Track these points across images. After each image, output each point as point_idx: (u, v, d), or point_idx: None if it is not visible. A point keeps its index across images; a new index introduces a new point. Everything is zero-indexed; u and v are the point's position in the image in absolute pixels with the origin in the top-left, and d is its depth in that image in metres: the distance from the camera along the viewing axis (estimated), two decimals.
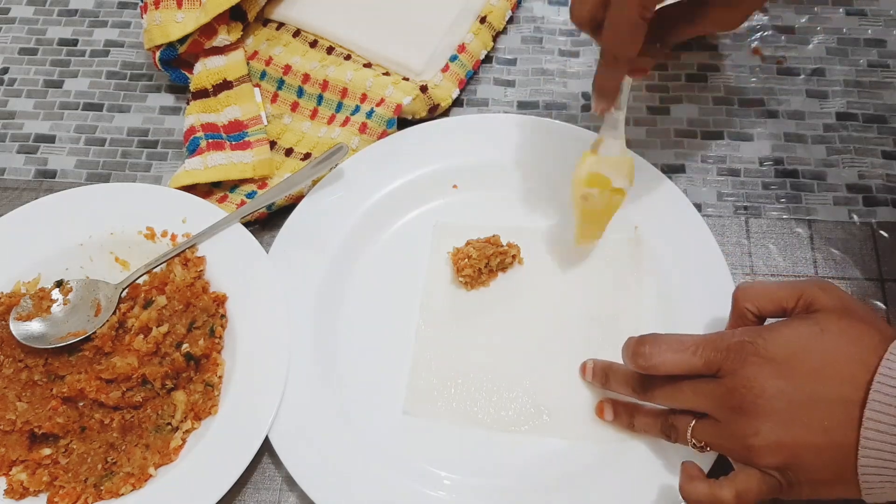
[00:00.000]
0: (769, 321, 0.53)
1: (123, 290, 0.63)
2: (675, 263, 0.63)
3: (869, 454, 0.45)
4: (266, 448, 0.58)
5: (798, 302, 0.51)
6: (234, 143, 0.70)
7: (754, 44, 0.76)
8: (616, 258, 0.64)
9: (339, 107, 0.72)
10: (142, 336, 0.60)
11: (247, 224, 0.66)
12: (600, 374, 0.58)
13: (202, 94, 0.71)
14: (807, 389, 0.47)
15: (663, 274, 0.63)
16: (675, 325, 0.60)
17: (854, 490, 0.46)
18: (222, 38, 0.71)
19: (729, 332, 0.51)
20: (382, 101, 0.69)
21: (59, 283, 0.63)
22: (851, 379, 0.46)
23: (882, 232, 0.66)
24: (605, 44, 0.53)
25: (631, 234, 0.64)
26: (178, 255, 0.64)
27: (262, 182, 0.69)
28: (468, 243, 0.64)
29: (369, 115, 0.69)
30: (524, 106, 0.74)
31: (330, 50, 0.74)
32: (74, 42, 0.79)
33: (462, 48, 0.74)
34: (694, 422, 0.51)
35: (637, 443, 0.57)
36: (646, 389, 0.54)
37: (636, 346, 0.53)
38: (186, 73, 0.73)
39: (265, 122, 0.71)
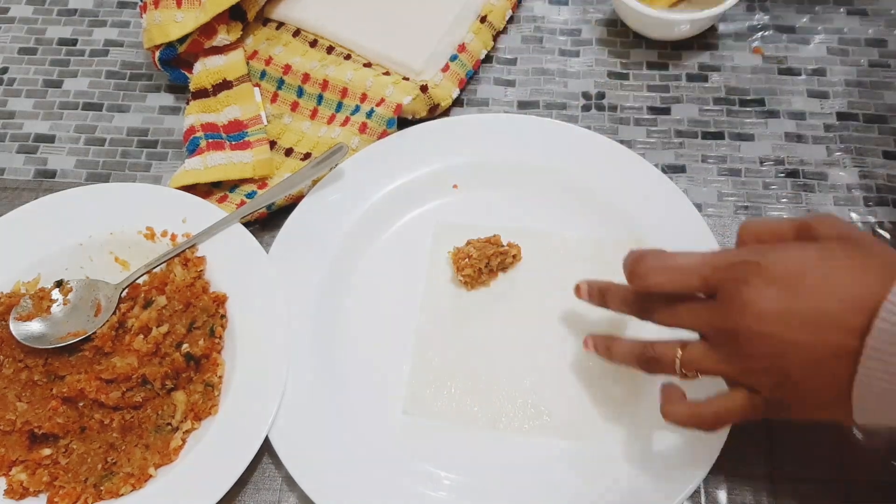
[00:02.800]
0: None
1: (123, 290, 0.62)
2: None
3: (867, 381, 0.43)
4: (266, 448, 0.58)
5: (799, 232, 0.49)
6: (233, 142, 0.70)
7: (755, 43, 0.76)
8: (617, 259, 0.64)
9: (339, 106, 0.72)
10: (142, 336, 0.60)
11: (247, 224, 0.66)
12: (597, 294, 0.56)
13: (202, 93, 0.71)
14: (807, 311, 0.45)
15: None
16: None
17: (843, 413, 0.45)
18: (222, 37, 0.71)
19: (731, 251, 0.50)
20: (382, 100, 0.69)
21: (59, 283, 0.63)
22: (853, 305, 0.44)
23: (882, 232, 0.66)
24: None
25: (631, 235, 0.64)
26: (177, 255, 0.64)
27: (261, 182, 0.69)
28: (468, 243, 0.64)
29: (369, 114, 0.69)
30: (524, 106, 0.74)
31: (330, 49, 0.74)
32: (74, 42, 0.79)
33: (462, 48, 0.74)
34: (681, 351, 0.50)
35: (637, 443, 0.57)
36: (642, 308, 0.53)
37: (634, 263, 0.52)
38: (186, 73, 0.73)
39: (265, 122, 0.71)
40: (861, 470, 0.57)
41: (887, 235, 0.66)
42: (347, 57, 0.74)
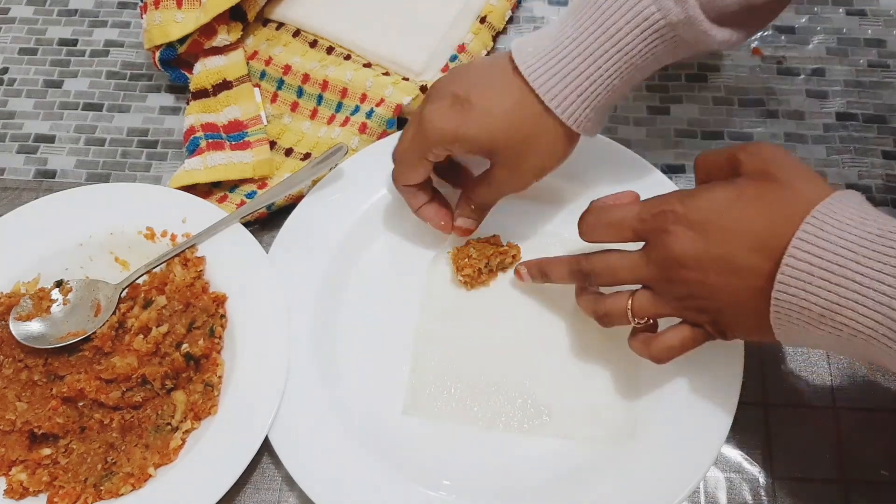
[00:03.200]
0: None
1: (123, 290, 0.62)
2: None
3: (781, 322, 0.47)
4: (266, 448, 0.58)
5: (730, 163, 0.51)
6: (233, 143, 0.70)
7: (754, 44, 0.76)
8: None
9: (339, 107, 0.72)
10: (141, 336, 0.60)
11: (247, 224, 0.66)
12: (537, 272, 0.60)
13: (202, 94, 0.71)
14: (719, 256, 0.48)
15: None
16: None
17: (772, 337, 0.49)
18: (222, 38, 0.71)
19: (656, 199, 0.52)
20: (382, 101, 0.69)
21: (59, 283, 0.63)
22: (760, 247, 0.47)
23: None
24: (394, 167, 0.61)
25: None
26: (177, 255, 0.64)
27: (261, 182, 0.69)
28: (468, 243, 0.64)
29: (369, 115, 0.69)
30: None
31: (330, 50, 0.74)
32: (74, 42, 0.79)
33: (462, 48, 0.74)
34: (630, 300, 0.53)
35: (637, 443, 0.57)
36: (583, 276, 0.56)
37: (580, 220, 0.55)
38: (186, 73, 0.73)
39: (265, 122, 0.71)
40: (861, 470, 0.57)
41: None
42: (347, 57, 0.74)
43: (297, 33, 0.75)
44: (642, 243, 0.52)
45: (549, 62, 0.54)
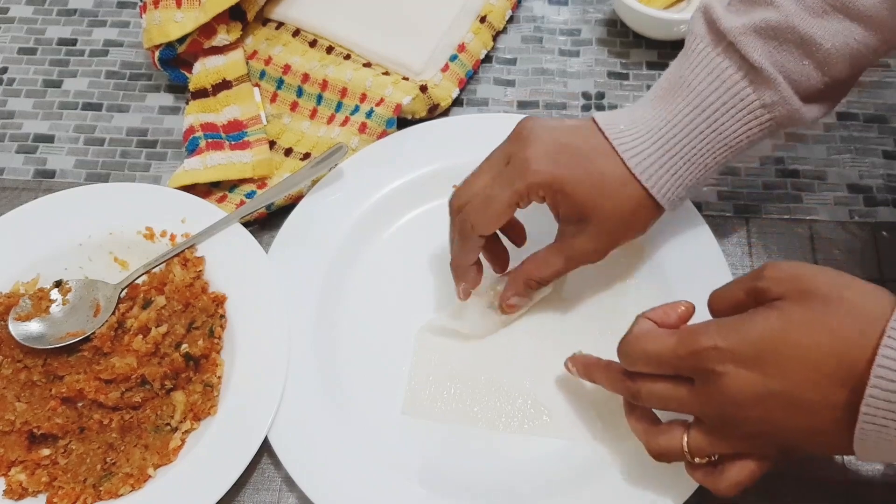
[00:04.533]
0: None
1: (122, 290, 0.62)
2: (675, 263, 0.63)
3: (866, 441, 0.43)
4: (265, 448, 0.58)
5: (755, 296, 0.47)
6: (233, 142, 0.69)
7: None
8: (616, 259, 0.64)
9: (339, 106, 0.72)
10: (141, 336, 0.60)
11: (246, 224, 0.66)
12: (583, 372, 0.56)
13: (201, 93, 0.71)
14: (784, 392, 0.45)
15: (663, 274, 0.63)
16: None
17: (849, 453, 0.45)
18: (221, 37, 0.71)
19: (695, 333, 0.47)
20: (382, 100, 0.69)
21: (58, 284, 0.63)
22: (829, 377, 0.43)
23: (882, 232, 0.66)
24: (470, 211, 0.56)
25: None
26: (177, 255, 0.64)
27: (261, 182, 0.69)
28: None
29: (369, 114, 0.69)
30: (524, 106, 0.74)
31: (329, 49, 0.74)
32: (73, 42, 0.79)
33: (462, 48, 0.74)
34: (686, 438, 0.49)
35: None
36: (630, 392, 0.51)
37: (618, 346, 0.51)
38: (185, 73, 0.73)
39: (264, 122, 0.71)
40: (861, 470, 0.57)
41: (887, 235, 0.66)
42: (347, 57, 0.74)
43: (296, 33, 0.75)
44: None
45: (645, 143, 0.54)
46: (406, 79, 0.72)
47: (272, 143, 0.71)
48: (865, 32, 0.53)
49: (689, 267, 0.62)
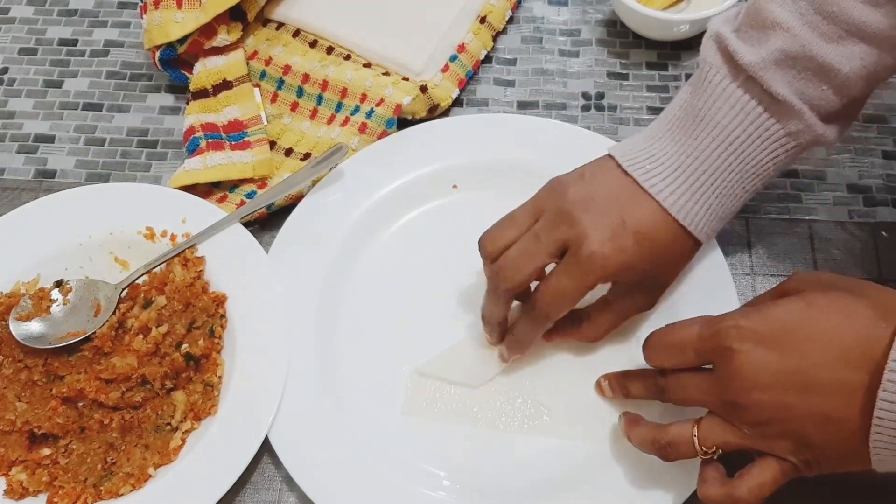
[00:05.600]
0: None
1: (123, 290, 0.62)
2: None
3: (882, 431, 0.42)
4: (266, 448, 0.58)
5: (778, 294, 0.49)
6: (233, 143, 0.70)
7: None
8: None
9: (339, 107, 0.72)
10: (141, 336, 0.60)
11: (246, 224, 0.66)
12: (618, 388, 0.57)
13: (202, 94, 0.71)
14: (801, 370, 0.44)
15: None
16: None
17: (866, 464, 0.45)
18: (222, 38, 0.71)
19: (719, 316, 0.48)
20: (382, 101, 0.69)
21: (59, 283, 0.63)
22: (847, 358, 0.43)
23: (882, 232, 0.66)
24: (542, 302, 0.55)
25: None
26: (177, 255, 0.64)
27: (261, 182, 0.69)
28: None
29: (369, 115, 0.69)
30: (524, 106, 0.74)
31: (330, 50, 0.74)
32: (74, 42, 0.79)
33: (462, 48, 0.74)
34: (696, 428, 0.49)
35: None
36: (658, 390, 0.53)
37: (644, 343, 0.52)
38: (186, 73, 0.73)
39: (265, 122, 0.71)
40: (861, 470, 0.57)
41: (887, 235, 0.66)
42: (347, 57, 0.74)
43: (297, 33, 0.75)
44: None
45: (676, 181, 0.54)
46: (406, 79, 0.72)
47: (272, 144, 0.71)
48: (881, 53, 0.52)
49: (689, 266, 0.62)
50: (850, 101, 0.54)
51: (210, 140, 0.70)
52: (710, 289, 0.61)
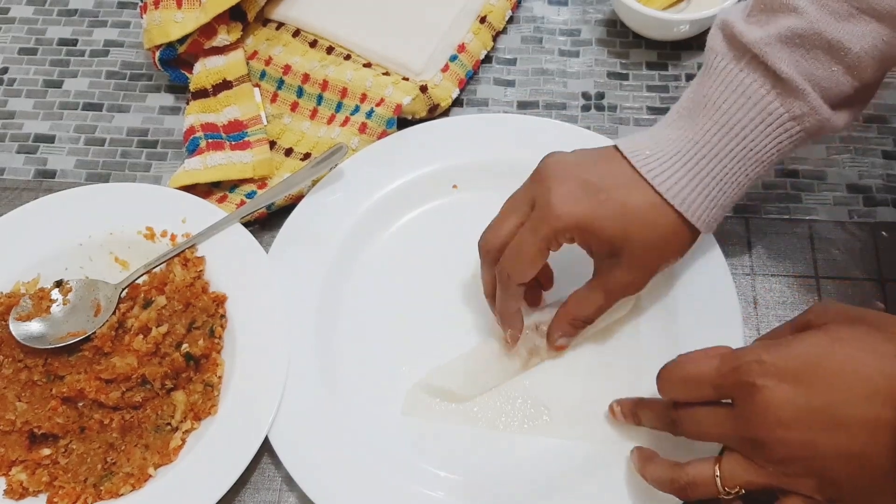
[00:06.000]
0: None
1: (123, 290, 0.62)
2: (676, 266, 0.63)
3: None
4: (266, 448, 0.58)
5: (801, 328, 0.48)
6: (233, 143, 0.70)
7: None
8: None
9: (339, 107, 0.72)
10: (141, 336, 0.60)
11: (246, 224, 0.66)
12: (630, 415, 0.55)
13: (202, 94, 0.71)
14: (827, 407, 0.43)
15: (663, 274, 0.62)
16: (674, 324, 0.60)
17: (893, 500, 0.44)
18: (222, 38, 0.71)
19: (739, 351, 0.47)
20: (382, 100, 0.69)
21: (59, 283, 0.63)
22: (873, 394, 0.42)
23: (882, 232, 0.66)
24: (504, 261, 0.54)
25: None
26: (177, 255, 0.64)
27: (261, 182, 0.69)
28: None
29: (369, 115, 0.69)
30: (524, 106, 0.74)
31: (330, 50, 0.74)
32: (74, 42, 0.79)
33: (462, 48, 0.74)
34: (718, 467, 0.47)
35: (637, 443, 0.57)
36: (671, 423, 0.51)
37: (658, 375, 0.50)
38: (186, 73, 0.73)
39: (265, 122, 0.71)
40: None
41: (887, 235, 0.66)
42: (347, 57, 0.74)
43: (296, 33, 0.75)
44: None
45: (673, 166, 0.53)
46: (406, 79, 0.72)
47: (272, 144, 0.71)
48: (893, 32, 0.51)
49: (689, 267, 0.62)
50: (862, 85, 0.52)
51: (210, 140, 0.70)
52: (709, 289, 0.61)
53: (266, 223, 0.68)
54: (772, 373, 0.44)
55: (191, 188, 0.68)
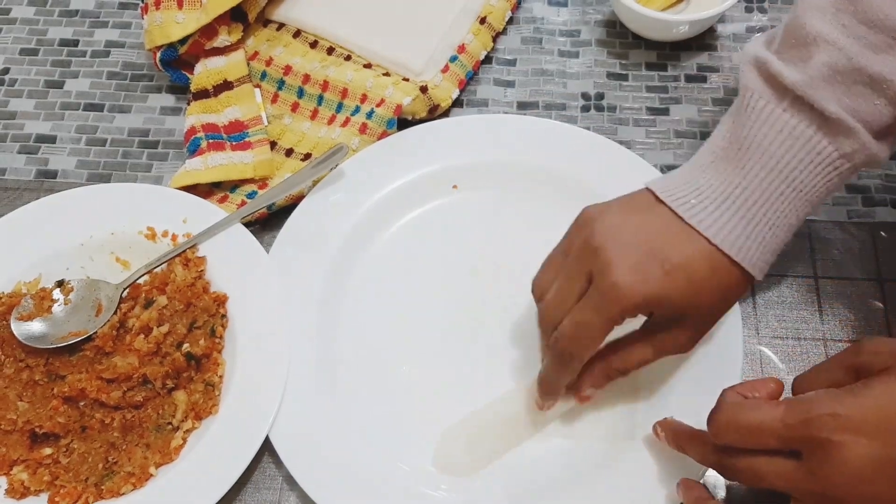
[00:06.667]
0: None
1: (124, 289, 0.63)
2: None
3: None
4: (266, 447, 0.58)
5: (856, 372, 0.46)
6: (234, 143, 0.70)
7: None
8: None
9: (340, 107, 0.72)
10: (142, 336, 0.60)
11: (247, 224, 0.66)
12: (673, 443, 0.54)
13: (203, 94, 0.71)
14: None
15: None
16: None
17: None
18: (223, 38, 0.71)
19: (803, 401, 0.44)
20: (382, 101, 0.70)
21: (60, 283, 0.63)
22: None
23: (881, 232, 0.66)
24: (563, 340, 0.52)
25: None
26: (178, 255, 0.64)
27: (262, 182, 0.69)
28: None
29: (369, 115, 0.69)
30: (524, 106, 0.74)
31: (330, 50, 0.75)
32: (75, 42, 0.79)
33: (462, 49, 0.74)
34: None
35: (638, 442, 0.57)
36: (724, 467, 0.48)
37: (710, 416, 0.48)
38: (187, 74, 0.73)
39: (265, 123, 0.71)
40: None
41: (886, 235, 0.66)
42: (348, 58, 0.74)
43: (297, 34, 0.76)
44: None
45: (724, 214, 0.50)
46: (406, 80, 0.72)
47: (273, 144, 0.71)
48: None
49: None
50: None
51: (211, 140, 0.70)
52: None
53: (267, 223, 0.68)
54: (848, 427, 0.42)
55: (192, 188, 0.68)
